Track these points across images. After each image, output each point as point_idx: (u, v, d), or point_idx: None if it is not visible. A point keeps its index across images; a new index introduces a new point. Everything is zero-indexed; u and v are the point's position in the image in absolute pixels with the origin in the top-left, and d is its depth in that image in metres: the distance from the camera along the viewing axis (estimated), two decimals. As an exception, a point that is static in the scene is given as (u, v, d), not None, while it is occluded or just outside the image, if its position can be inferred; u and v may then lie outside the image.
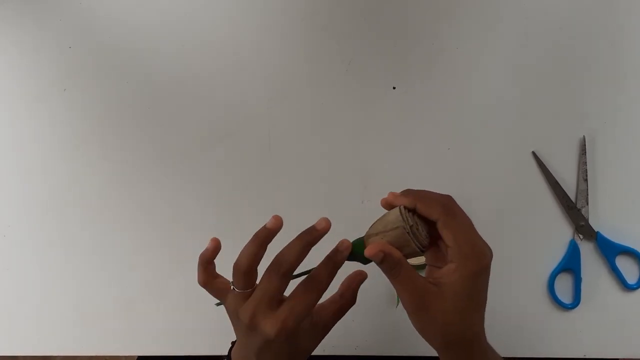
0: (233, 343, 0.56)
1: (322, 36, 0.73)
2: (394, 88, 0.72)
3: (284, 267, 0.47)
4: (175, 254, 0.73)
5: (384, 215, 0.49)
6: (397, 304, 0.71)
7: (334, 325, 0.53)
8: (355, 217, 0.72)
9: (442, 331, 0.46)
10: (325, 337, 0.71)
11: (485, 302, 0.48)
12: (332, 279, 0.49)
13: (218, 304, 0.53)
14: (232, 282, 0.50)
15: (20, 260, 0.74)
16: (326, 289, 0.48)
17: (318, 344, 0.53)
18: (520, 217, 0.72)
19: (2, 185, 0.74)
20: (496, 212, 0.72)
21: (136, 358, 0.82)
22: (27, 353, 0.73)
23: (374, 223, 0.49)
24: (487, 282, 0.47)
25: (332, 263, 0.49)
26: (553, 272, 0.71)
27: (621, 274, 0.70)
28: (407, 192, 0.49)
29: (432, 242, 0.49)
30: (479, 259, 0.46)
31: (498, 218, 0.72)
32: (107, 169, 0.74)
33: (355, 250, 0.49)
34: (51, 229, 0.74)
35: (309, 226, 0.49)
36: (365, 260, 0.49)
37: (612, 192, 0.71)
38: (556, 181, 0.71)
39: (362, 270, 0.53)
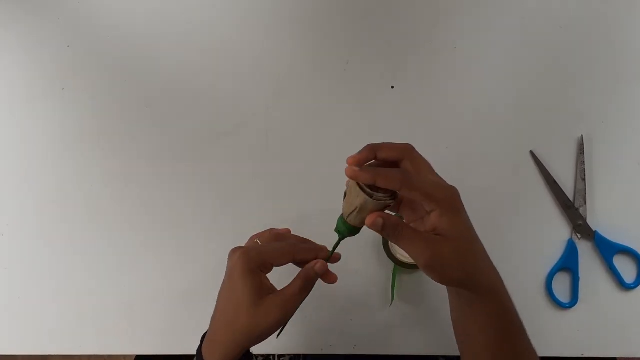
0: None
1: (321, 36, 0.73)
2: (392, 87, 0.72)
3: (282, 238, 0.58)
4: (174, 253, 0.73)
5: (348, 196, 0.51)
6: (392, 303, 0.71)
7: (288, 307, 0.52)
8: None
9: (460, 270, 0.49)
10: (323, 335, 0.71)
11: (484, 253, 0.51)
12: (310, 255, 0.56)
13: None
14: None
15: (18, 259, 0.74)
16: (296, 257, 0.55)
17: (261, 329, 0.52)
18: (519, 217, 0.72)
19: (0, 185, 0.74)
20: (494, 211, 0.72)
21: (134, 357, 0.82)
22: (25, 352, 0.73)
23: (344, 204, 0.52)
24: (468, 218, 0.50)
25: (310, 254, 0.56)
26: (551, 271, 0.71)
27: (619, 273, 0.70)
28: (365, 162, 0.50)
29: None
30: (450, 197, 0.49)
31: (496, 216, 0.72)
32: (106, 167, 0.74)
33: (342, 230, 0.53)
34: (49, 228, 0.74)
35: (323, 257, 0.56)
36: (354, 233, 0.53)
37: (610, 192, 0.72)
38: (554, 180, 0.71)
39: (322, 262, 0.55)
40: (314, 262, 0.54)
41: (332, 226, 0.73)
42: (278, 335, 0.55)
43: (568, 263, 0.71)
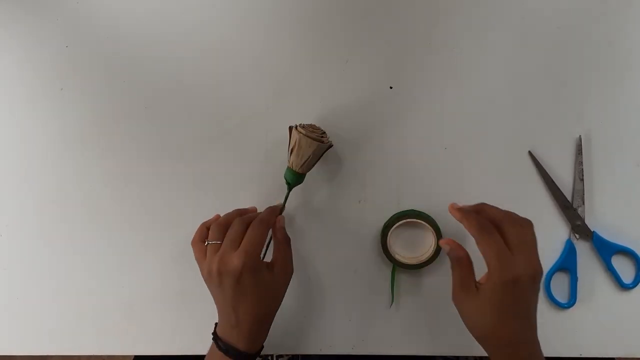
0: (216, 324, 0.64)
1: (319, 36, 0.73)
2: (391, 87, 0.72)
3: (247, 220, 0.62)
4: (174, 253, 0.73)
5: (297, 150, 0.64)
6: (392, 304, 0.72)
7: (288, 264, 0.65)
8: (352, 216, 0.73)
9: (476, 325, 0.57)
10: (322, 336, 0.72)
11: (527, 314, 0.56)
12: (273, 219, 0.65)
13: None
14: (207, 239, 0.63)
15: (18, 259, 0.74)
16: (270, 222, 0.64)
17: (283, 289, 0.64)
18: None
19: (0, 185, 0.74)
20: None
21: (133, 358, 0.82)
22: (24, 353, 0.73)
23: (294, 157, 0.65)
24: (525, 295, 0.55)
25: (271, 211, 0.66)
26: (549, 271, 0.71)
27: (617, 273, 0.71)
28: (463, 210, 0.60)
29: None
30: (504, 271, 0.53)
31: None
32: (106, 168, 0.73)
33: (292, 180, 0.67)
34: (49, 229, 0.74)
35: (276, 207, 0.68)
36: (301, 180, 0.68)
37: (609, 192, 0.72)
38: (552, 180, 0.71)
39: (281, 216, 0.67)
40: (277, 222, 0.66)
41: (330, 225, 0.73)
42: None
43: (566, 263, 0.71)
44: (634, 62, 0.72)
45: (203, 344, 0.72)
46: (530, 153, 0.72)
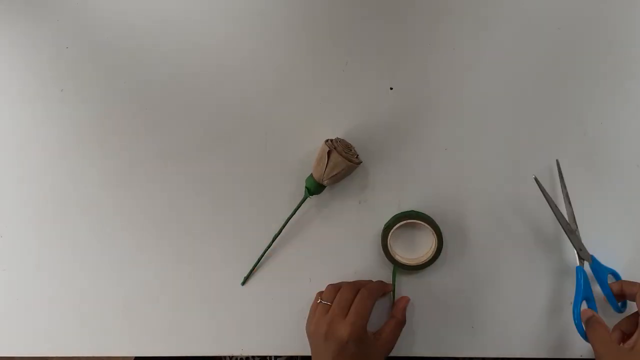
0: None
1: (319, 37, 0.72)
2: (391, 89, 0.72)
3: (356, 286, 0.67)
4: (173, 254, 0.73)
5: (330, 163, 0.66)
6: (393, 303, 0.72)
7: (393, 341, 0.69)
8: (352, 218, 0.72)
9: None
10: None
11: None
12: (381, 294, 0.70)
13: None
14: (321, 298, 0.68)
15: (16, 261, 0.74)
16: (378, 296, 0.68)
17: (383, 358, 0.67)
18: (521, 226, 0.72)
19: (-1, 185, 0.74)
20: (496, 218, 0.72)
21: (133, 359, 0.82)
22: (22, 354, 0.74)
23: (325, 169, 0.66)
24: None
25: (382, 286, 0.70)
26: (576, 303, 0.67)
27: (612, 297, 0.68)
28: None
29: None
30: None
31: (498, 223, 0.72)
32: (105, 169, 0.73)
33: (314, 189, 0.69)
34: (48, 229, 0.73)
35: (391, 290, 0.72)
36: (321, 191, 0.70)
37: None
38: (555, 205, 0.68)
39: (407, 296, 0.72)
40: (401, 301, 0.71)
41: (330, 227, 0.73)
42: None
43: (586, 292, 0.68)
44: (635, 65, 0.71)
45: (202, 344, 0.73)
46: (535, 179, 0.68)
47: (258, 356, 0.76)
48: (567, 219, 0.69)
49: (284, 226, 0.71)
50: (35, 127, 0.74)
